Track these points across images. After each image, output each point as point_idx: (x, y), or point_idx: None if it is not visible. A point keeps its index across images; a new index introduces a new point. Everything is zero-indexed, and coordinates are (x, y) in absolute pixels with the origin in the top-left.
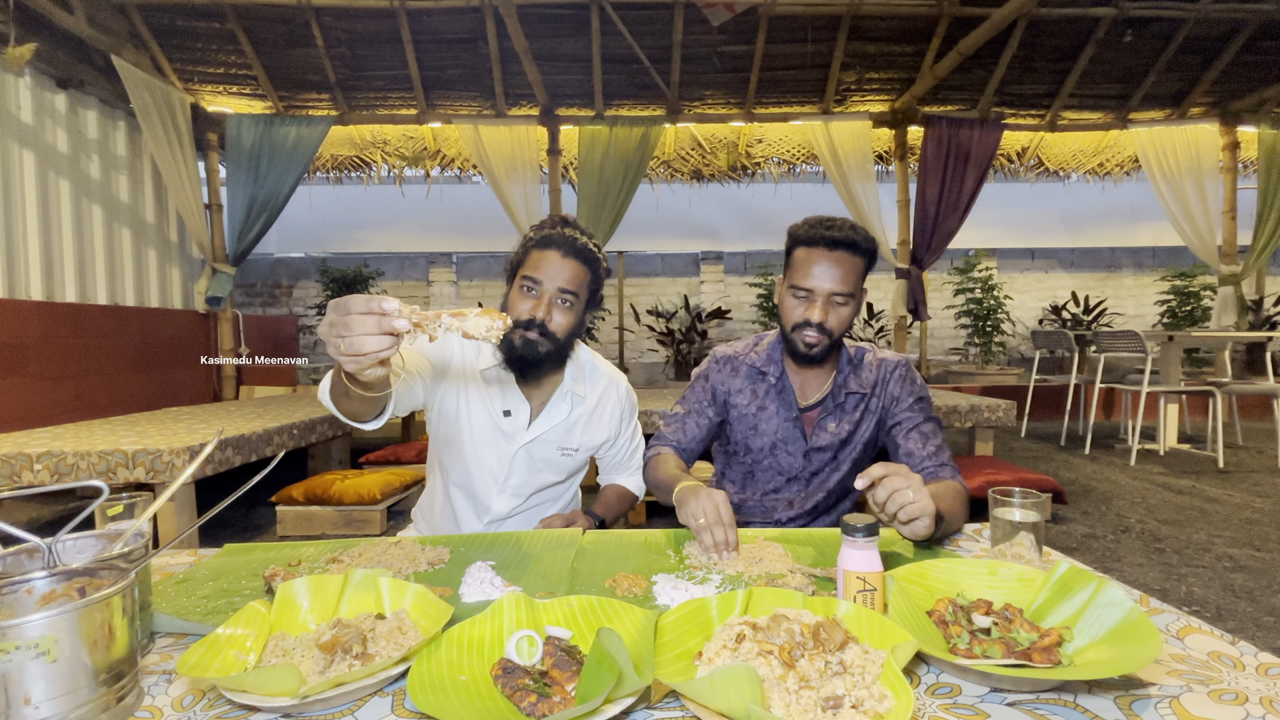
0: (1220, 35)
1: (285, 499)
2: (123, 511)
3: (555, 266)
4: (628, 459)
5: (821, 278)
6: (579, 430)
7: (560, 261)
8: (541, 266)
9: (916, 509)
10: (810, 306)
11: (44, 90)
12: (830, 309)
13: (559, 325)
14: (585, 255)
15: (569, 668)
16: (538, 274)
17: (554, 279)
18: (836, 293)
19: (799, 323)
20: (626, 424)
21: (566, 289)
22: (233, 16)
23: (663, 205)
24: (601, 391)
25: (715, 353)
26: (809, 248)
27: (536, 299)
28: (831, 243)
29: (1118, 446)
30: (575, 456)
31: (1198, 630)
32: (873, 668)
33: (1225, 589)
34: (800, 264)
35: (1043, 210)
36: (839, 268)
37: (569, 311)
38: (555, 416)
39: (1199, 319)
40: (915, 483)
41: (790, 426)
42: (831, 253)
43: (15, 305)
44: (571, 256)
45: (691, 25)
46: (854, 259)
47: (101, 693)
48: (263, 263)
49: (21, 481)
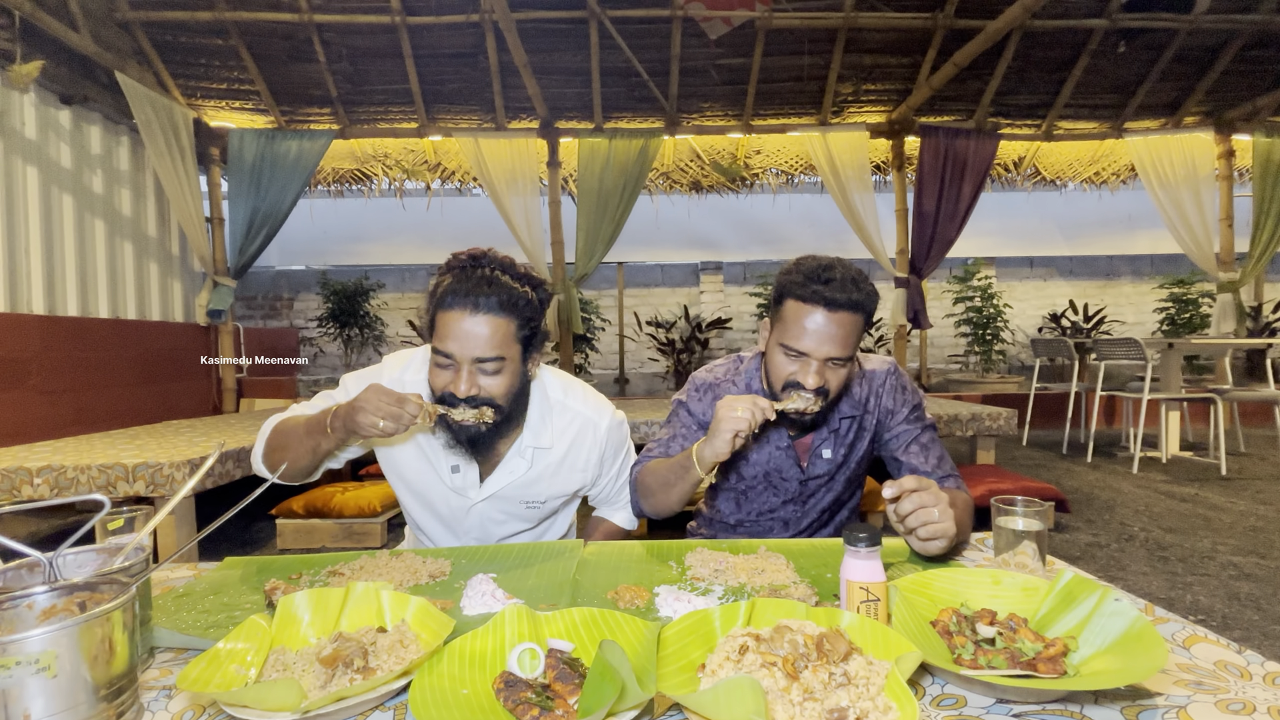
0: (1213, 45)
1: (285, 512)
2: (123, 525)
3: (464, 333)
4: (616, 494)
5: (819, 340)
6: (544, 483)
7: (469, 323)
8: (449, 334)
9: (939, 529)
10: (804, 369)
11: (48, 106)
12: (827, 371)
13: (492, 393)
14: (500, 306)
15: (571, 680)
16: (446, 344)
17: (465, 349)
18: (834, 356)
19: (790, 383)
20: (610, 464)
21: (484, 357)
22: (235, 33)
23: (662, 216)
24: (573, 437)
25: (694, 379)
26: (803, 304)
27: (454, 373)
28: (830, 303)
29: (1120, 454)
30: (544, 508)
31: (1204, 639)
32: (877, 679)
33: (1231, 597)
34: (793, 321)
35: (1040, 219)
36: (838, 329)
37: (498, 376)
38: (511, 473)
39: (1198, 326)
40: (942, 503)
41: (782, 455)
42: (831, 314)
43: (17, 319)
44: (482, 313)
45: (689, 38)
46: (855, 318)
47: (102, 708)
48: (264, 275)
49: (22, 495)
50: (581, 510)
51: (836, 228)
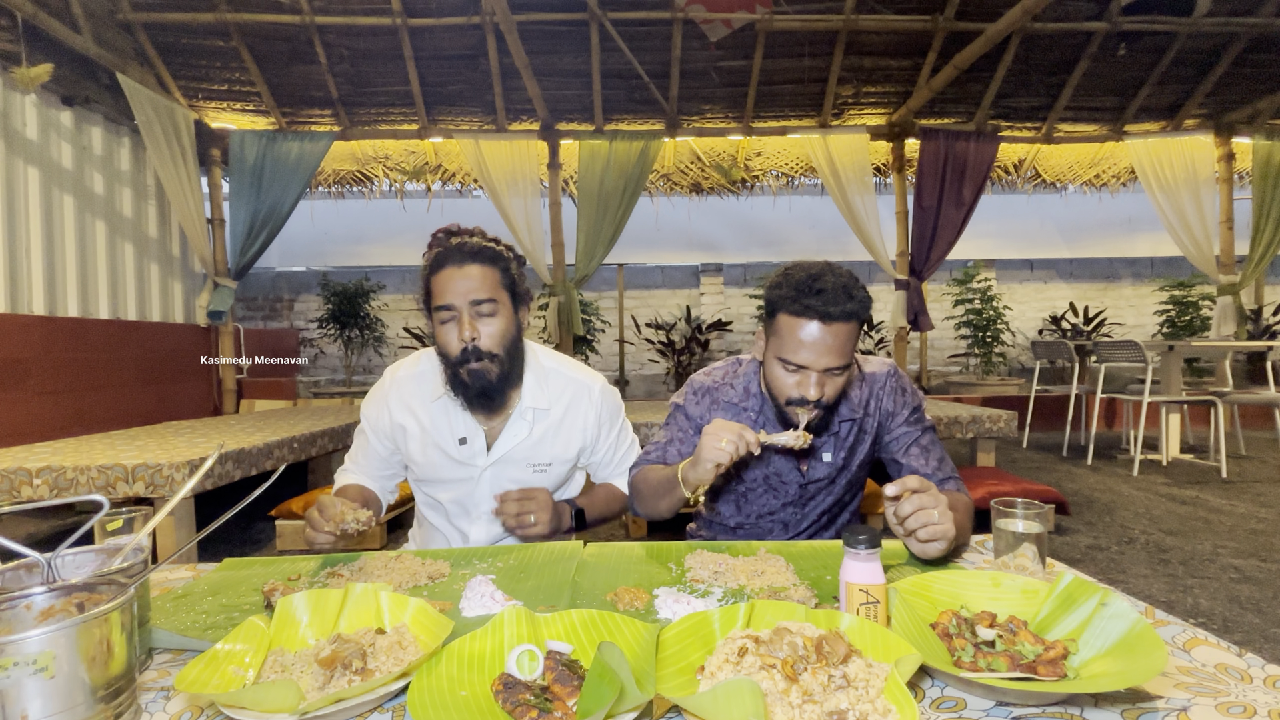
0: (1213, 48)
1: (285, 513)
2: (122, 526)
3: (456, 282)
4: (617, 461)
5: (817, 353)
6: (547, 444)
7: (459, 274)
8: (445, 289)
9: (938, 531)
10: (804, 382)
11: (49, 107)
12: (827, 381)
13: (492, 338)
14: (483, 255)
15: (570, 682)
16: (445, 298)
17: (461, 295)
18: (833, 367)
19: (794, 398)
20: (607, 428)
21: (479, 299)
22: (237, 34)
23: (662, 218)
24: (570, 400)
25: (692, 382)
26: (797, 318)
27: (458, 322)
28: (825, 315)
29: (1120, 457)
30: (550, 471)
31: (1204, 642)
32: (876, 681)
33: (1231, 600)
34: (788, 334)
35: (1040, 221)
36: (835, 339)
37: (495, 319)
38: (516, 436)
39: (1198, 329)
40: (943, 506)
41: (781, 460)
42: (827, 325)
43: (17, 320)
44: (469, 263)
45: (690, 41)
46: (851, 326)
47: (99, 709)
48: (264, 277)
49: (21, 496)
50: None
51: (837, 230)
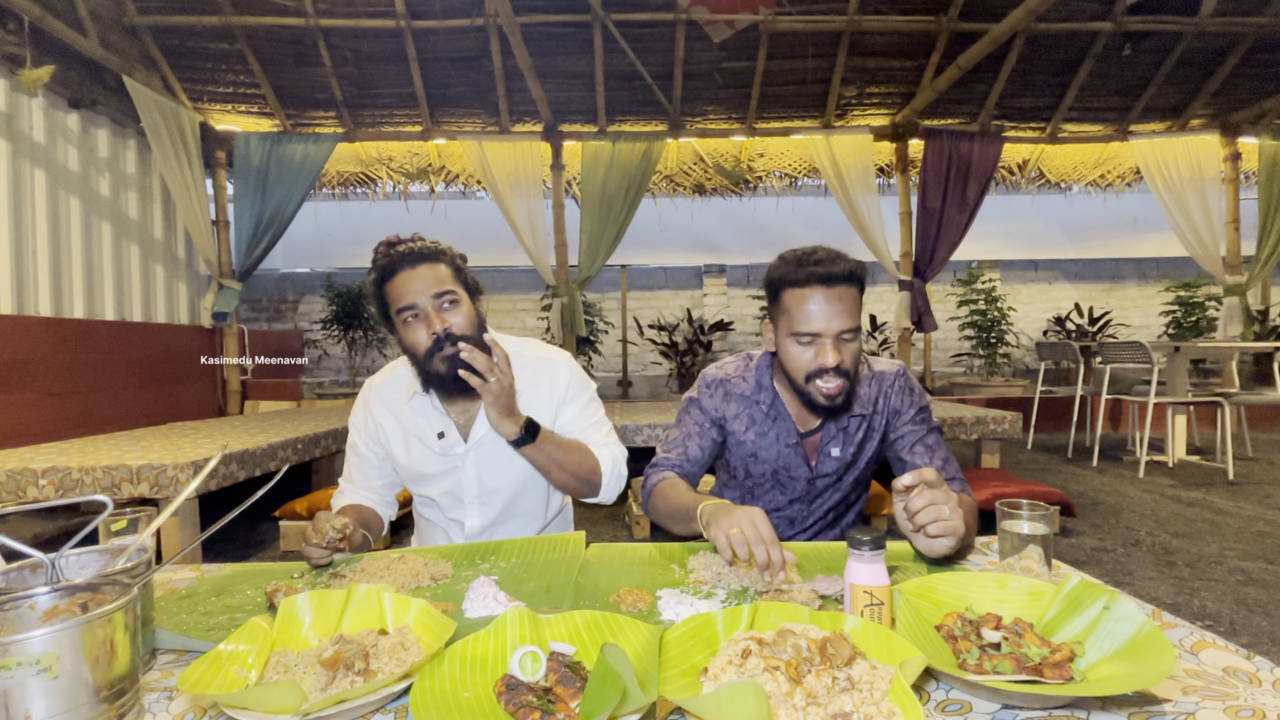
0: (1219, 48)
1: (288, 514)
2: (126, 526)
3: (414, 282)
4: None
5: (827, 317)
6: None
7: (414, 275)
8: (404, 291)
9: (949, 527)
10: (821, 350)
11: (56, 110)
12: (842, 346)
13: (460, 326)
14: (431, 255)
15: (573, 684)
16: (406, 299)
17: (422, 292)
18: (845, 330)
19: (813, 371)
20: (572, 401)
21: (440, 292)
22: (242, 37)
23: (665, 219)
24: (531, 375)
25: (705, 375)
26: (802, 288)
27: (424, 319)
28: (827, 279)
29: (1125, 458)
30: None
31: (1212, 645)
32: (881, 684)
33: (1239, 603)
34: (796, 308)
35: (1045, 222)
36: (841, 303)
37: (458, 308)
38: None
39: (1204, 329)
40: (953, 503)
41: (791, 453)
42: (830, 289)
43: (24, 321)
44: (420, 264)
45: (693, 42)
46: (851, 289)
47: (103, 710)
48: (269, 278)
49: (26, 496)
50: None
51: (840, 230)
